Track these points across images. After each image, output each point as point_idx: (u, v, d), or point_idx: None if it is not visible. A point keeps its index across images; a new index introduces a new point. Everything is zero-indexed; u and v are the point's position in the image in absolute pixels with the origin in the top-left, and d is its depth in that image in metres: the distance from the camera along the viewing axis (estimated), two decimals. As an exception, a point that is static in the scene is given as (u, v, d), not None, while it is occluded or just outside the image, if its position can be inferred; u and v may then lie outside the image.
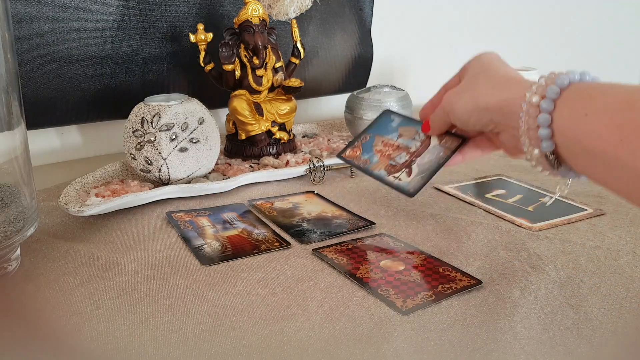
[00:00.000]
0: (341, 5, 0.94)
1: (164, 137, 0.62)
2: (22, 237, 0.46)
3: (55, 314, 0.41)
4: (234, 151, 0.76)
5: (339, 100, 1.01)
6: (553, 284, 0.45)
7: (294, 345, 0.37)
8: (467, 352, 0.36)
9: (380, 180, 0.55)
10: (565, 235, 0.54)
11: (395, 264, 0.48)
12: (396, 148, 0.57)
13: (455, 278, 0.45)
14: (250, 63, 0.74)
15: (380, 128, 0.60)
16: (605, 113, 0.34)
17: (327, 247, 0.51)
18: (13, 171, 0.47)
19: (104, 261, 0.49)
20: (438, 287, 0.44)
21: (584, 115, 0.35)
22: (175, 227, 0.56)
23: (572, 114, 0.36)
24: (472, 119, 0.45)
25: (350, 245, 0.51)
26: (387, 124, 0.60)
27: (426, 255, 0.50)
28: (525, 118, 0.39)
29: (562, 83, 0.38)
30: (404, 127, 0.59)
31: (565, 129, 0.37)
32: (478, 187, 0.67)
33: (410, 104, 0.80)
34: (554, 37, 1.33)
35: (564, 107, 0.37)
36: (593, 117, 0.35)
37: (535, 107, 0.38)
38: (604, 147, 0.34)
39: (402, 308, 0.41)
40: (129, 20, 0.75)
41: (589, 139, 0.35)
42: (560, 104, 0.37)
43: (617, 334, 0.39)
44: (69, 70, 0.72)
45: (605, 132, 0.34)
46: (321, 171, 0.69)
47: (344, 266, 0.47)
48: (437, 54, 1.18)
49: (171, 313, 0.41)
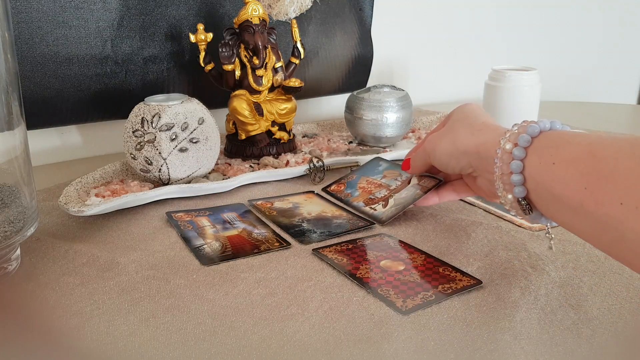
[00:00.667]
0: (341, 5, 0.94)
1: (164, 137, 0.62)
2: (22, 237, 0.46)
3: (55, 314, 0.41)
4: (234, 151, 0.76)
5: (339, 100, 1.01)
6: (553, 284, 0.45)
7: (294, 345, 0.37)
8: (467, 352, 0.36)
9: (357, 209, 0.60)
10: (565, 235, 0.54)
11: (395, 264, 0.48)
12: (378, 186, 0.63)
13: (455, 278, 0.45)
14: (250, 63, 0.74)
15: (367, 171, 0.67)
16: (571, 162, 0.36)
17: (327, 247, 0.51)
18: (13, 171, 0.47)
19: (104, 261, 0.49)
20: (438, 287, 0.44)
21: (552, 163, 0.37)
22: (175, 227, 0.56)
23: (541, 162, 0.38)
24: (452, 162, 0.48)
25: (350, 245, 0.51)
26: (374, 167, 0.67)
27: (426, 255, 0.50)
28: (500, 164, 0.41)
29: (533, 131, 0.40)
30: (389, 170, 0.65)
31: (536, 176, 0.39)
32: (478, 187, 0.67)
33: (410, 104, 0.80)
34: (554, 37, 1.33)
35: (534, 155, 0.39)
36: (559, 166, 0.37)
37: (508, 153, 0.40)
38: (570, 194, 0.36)
39: (402, 308, 0.41)
40: (129, 20, 0.75)
41: (556, 187, 0.37)
42: (530, 151, 0.39)
43: (617, 334, 0.39)
44: (69, 70, 0.72)
45: (570, 180, 0.36)
46: (321, 171, 0.69)
47: (344, 266, 0.47)
48: (437, 54, 1.18)
49: (171, 313, 0.41)
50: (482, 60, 1.18)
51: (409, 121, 0.80)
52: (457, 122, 0.49)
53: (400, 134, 0.80)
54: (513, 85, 0.84)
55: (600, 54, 1.41)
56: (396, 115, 0.78)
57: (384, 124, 0.78)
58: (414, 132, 0.89)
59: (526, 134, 0.40)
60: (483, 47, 1.22)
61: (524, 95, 0.84)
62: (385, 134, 0.79)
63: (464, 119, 0.49)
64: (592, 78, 1.42)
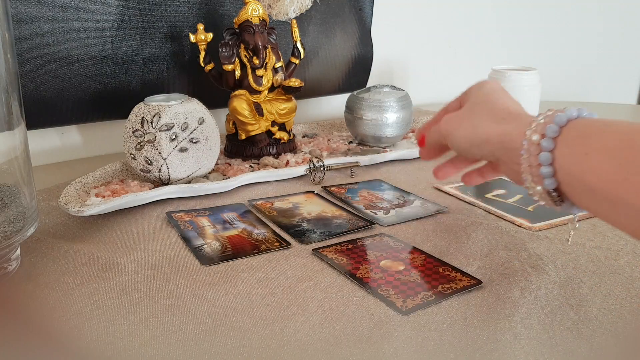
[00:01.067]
0: (341, 5, 0.94)
1: (164, 137, 0.62)
2: (22, 237, 0.46)
3: (55, 314, 0.41)
4: (234, 151, 0.76)
5: (339, 100, 1.01)
6: (553, 284, 0.45)
7: (294, 345, 0.37)
8: (467, 352, 0.36)
9: (356, 210, 0.60)
10: (565, 235, 0.54)
11: (395, 264, 0.48)
12: (379, 198, 0.64)
13: (455, 278, 0.45)
14: (250, 63, 0.74)
15: (369, 185, 0.68)
16: (606, 152, 0.34)
17: (327, 247, 0.51)
18: (13, 171, 0.47)
19: (104, 261, 0.49)
20: (438, 287, 0.44)
21: (585, 154, 0.35)
22: (175, 227, 0.56)
23: (572, 153, 0.36)
24: (473, 149, 0.45)
25: (350, 245, 0.51)
26: (376, 185, 0.68)
27: (426, 255, 0.50)
28: (526, 155, 0.39)
29: (560, 121, 0.38)
30: (392, 191, 0.66)
31: (567, 168, 0.37)
32: (478, 187, 0.67)
33: (410, 104, 0.80)
34: (554, 37, 1.33)
35: (564, 146, 0.37)
36: (593, 156, 0.35)
37: (536, 145, 0.38)
38: (607, 185, 0.34)
39: (402, 308, 0.41)
40: (129, 20, 0.75)
41: (590, 178, 0.35)
42: (560, 142, 0.37)
43: (617, 334, 0.39)
44: (69, 70, 0.72)
45: (607, 171, 0.34)
46: (321, 171, 0.69)
47: (344, 266, 0.47)
48: (437, 54, 1.18)
49: (171, 313, 0.41)
50: (482, 60, 1.18)
51: (409, 121, 0.80)
52: (477, 105, 0.46)
53: (400, 134, 0.80)
54: (513, 85, 0.84)
55: (600, 54, 1.41)
56: (396, 115, 0.78)
57: (384, 124, 0.78)
58: (414, 132, 0.89)
59: (553, 124, 0.38)
60: (483, 47, 1.22)
61: (524, 95, 0.84)
62: (385, 134, 0.79)
63: (485, 103, 0.46)
64: (592, 78, 1.42)
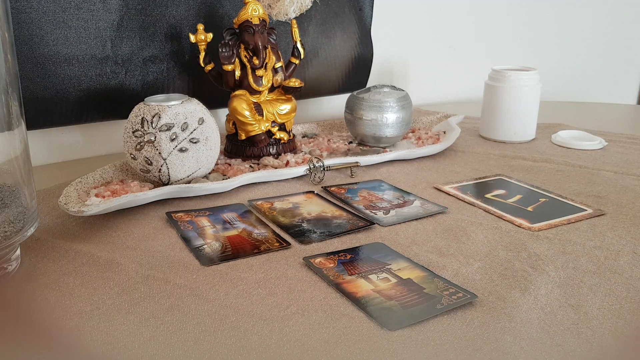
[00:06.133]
0: (341, 5, 0.94)
1: (164, 137, 0.62)
2: (22, 237, 0.46)
3: (55, 314, 0.41)
4: (234, 151, 0.76)
5: (339, 100, 1.02)
6: (553, 284, 0.45)
7: (294, 345, 0.37)
8: (467, 352, 0.36)
9: (356, 210, 0.60)
10: (565, 236, 0.54)
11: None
12: (379, 199, 0.64)
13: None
14: (250, 63, 0.74)
15: (369, 185, 0.68)
16: None
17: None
18: (13, 171, 0.47)
19: (104, 261, 0.49)
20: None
21: None
22: (175, 227, 0.56)
23: None
24: None
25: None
26: (377, 186, 0.68)
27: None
28: None
29: None
30: (392, 191, 0.66)
31: None
32: (478, 187, 0.67)
33: (410, 104, 0.80)
34: (554, 37, 1.33)
35: None
36: None
37: None
38: None
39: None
40: (129, 21, 0.75)
41: None
42: None
43: (617, 334, 0.39)
44: (69, 70, 0.72)
45: None
46: (321, 171, 0.69)
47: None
48: (437, 54, 1.18)
49: (171, 313, 0.41)
50: (482, 60, 1.18)
51: (409, 121, 0.80)
52: None
53: (400, 134, 0.80)
54: (513, 85, 0.84)
55: (600, 54, 1.41)
56: (396, 115, 0.78)
57: (384, 124, 0.78)
58: (413, 132, 0.89)
59: None
60: (483, 47, 1.22)
61: (524, 95, 0.85)
62: (385, 134, 0.79)
63: None
64: (592, 78, 1.42)
